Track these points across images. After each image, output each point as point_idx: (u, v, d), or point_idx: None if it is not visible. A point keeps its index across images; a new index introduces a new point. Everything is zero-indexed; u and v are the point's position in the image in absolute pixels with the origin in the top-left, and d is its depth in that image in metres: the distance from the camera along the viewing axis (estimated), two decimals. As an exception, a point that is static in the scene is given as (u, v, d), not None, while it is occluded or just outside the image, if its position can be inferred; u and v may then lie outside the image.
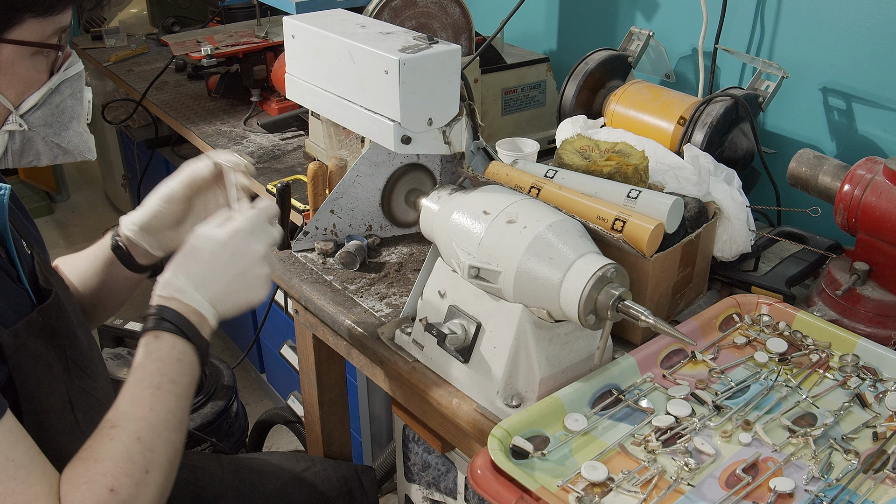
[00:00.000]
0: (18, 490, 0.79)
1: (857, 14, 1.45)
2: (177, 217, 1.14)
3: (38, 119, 0.93)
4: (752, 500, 0.87)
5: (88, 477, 0.82)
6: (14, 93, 0.89)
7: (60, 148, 0.97)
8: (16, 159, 0.95)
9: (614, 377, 1.04)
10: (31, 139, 0.94)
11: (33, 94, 0.91)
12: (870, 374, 1.06)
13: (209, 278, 0.95)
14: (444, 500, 1.56)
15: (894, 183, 1.14)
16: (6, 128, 0.91)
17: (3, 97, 0.88)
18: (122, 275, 1.18)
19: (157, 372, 0.91)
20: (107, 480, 0.82)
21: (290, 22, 1.21)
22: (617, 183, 1.19)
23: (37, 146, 0.95)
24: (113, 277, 1.19)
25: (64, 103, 0.94)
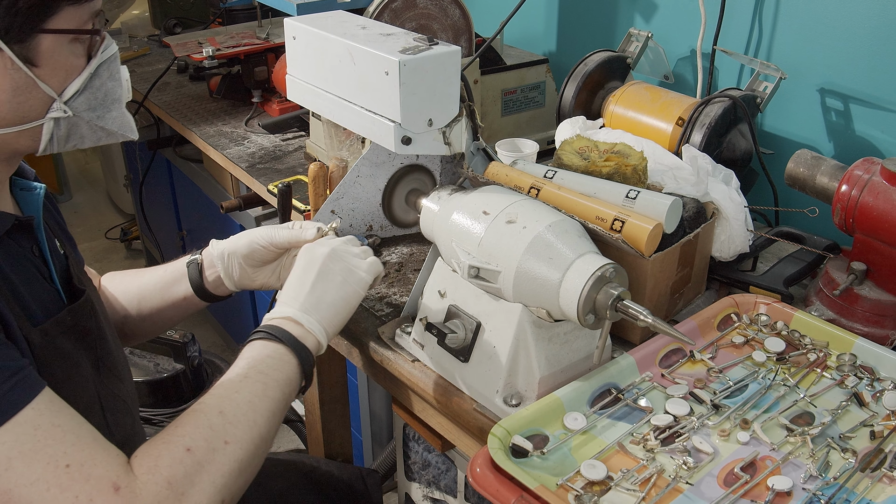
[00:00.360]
0: (70, 452, 0.79)
1: (855, 16, 1.45)
2: (266, 260, 1.19)
3: (82, 104, 0.93)
4: (751, 498, 0.87)
5: (167, 438, 0.85)
6: (56, 81, 0.90)
7: (104, 130, 0.98)
8: (61, 144, 0.96)
9: (613, 376, 1.04)
10: (76, 124, 0.95)
11: (75, 80, 0.92)
12: (867, 374, 1.06)
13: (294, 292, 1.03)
14: (444, 498, 1.56)
15: (891, 183, 1.14)
16: (51, 115, 0.91)
17: (47, 86, 0.89)
18: (181, 294, 1.21)
19: (246, 366, 0.95)
20: (184, 441, 0.85)
21: (291, 23, 1.21)
22: (616, 183, 1.19)
23: (81, 130, 0.96)
24: (172, 295, 1.21)
25: (104, 86, 0.95)
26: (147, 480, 0.81)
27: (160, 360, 1.98)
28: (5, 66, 0.85)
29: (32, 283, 0.95)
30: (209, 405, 0.89)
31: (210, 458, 0.85)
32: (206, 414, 0.88)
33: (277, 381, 0.95)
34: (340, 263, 1.05)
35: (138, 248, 3.68)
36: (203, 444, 0.85)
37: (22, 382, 0.81)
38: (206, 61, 2.11)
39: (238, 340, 2.82)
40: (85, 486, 0.78)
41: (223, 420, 0.88)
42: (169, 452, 0.83)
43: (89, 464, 0.79)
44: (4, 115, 0.88)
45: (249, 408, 0.91)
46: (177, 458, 0.83)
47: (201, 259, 1.20)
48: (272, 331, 0.98)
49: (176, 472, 0.82)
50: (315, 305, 1.02)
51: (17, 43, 0.85)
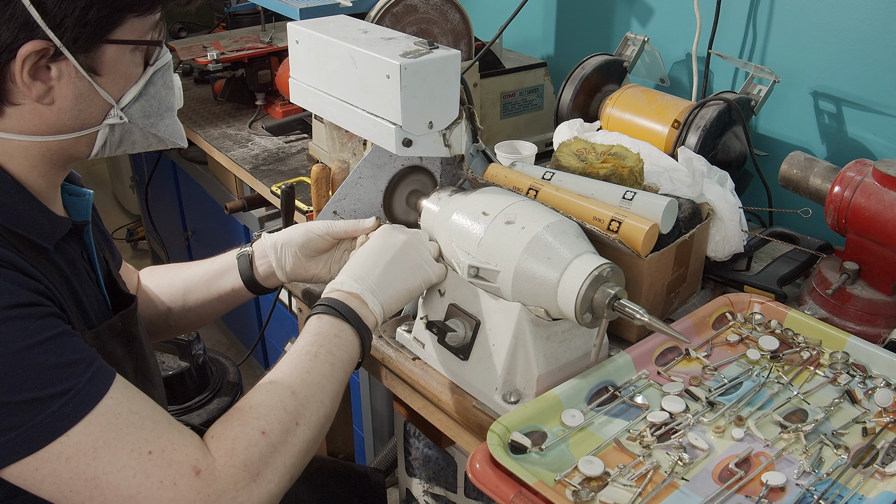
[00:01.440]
0: (151, 438, 0.81)
1: (847, 20, 1.45)
2: (323, 249, 1.19)
3: (137, 111, 0.94)
4: (745, 493, 0.87)
5: (243, 420, 0.86)
6: (116, 89, 0.91)
7: (156, 137, 0.99)
8: (112, 149, 0.96)
9: (610, 374, 1.04)
10: (129, 130, 0.95)
11: (132, 87, 0.92)
12: (859, 371, 1.06)
13: (366, 269, 1.03)
14: (444, 494, 1.56)
15: (883, 185, 1.14)
16: (108, 122, 0.92)
17: (107, 94, 0.90)
18: (229, 286, 1.21)
19: (315, 343, 0.96)
20: (259, 424, 0.86)
21: (294, 28, 1.21)
22: (613, 185, 1.19)
23: (134, 136, 0.97)
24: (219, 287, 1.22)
25: (158, 94, 0.96)
26: (225, 463, 0.83)
27: (166, 358, 1.98)
28: (70, 76, 0.86)
29: (85, 287, 0.96)
30: (283, 384, 0.91)
31: (283, 440, 0.87)
32: (279, 394, 0.90)
33: (342, 362, 0.97)
34: (415, 254, 1.07)
35: (144, 248, 3.68)
36: (277, 426, 0.87)
37: (98, 372, 0.82)
38: (210, 65, 2.11)
39: (242, 339, 2.81)
40: (168, 472, 0.80)
41: (295, 401, 0.90)
42: (245, 435, 0.85)
43: (170, 449, 0.81)
44: (66, 121, 0.89)
45: (318, 388, 0.93)
46: (252, 440, 0.85)
47: (252, 251, 1.21)
48: (340, 308, 0.99)
49: (252, 455, 0.84)
50: (382, 288, 1.03)
51: (83, 53, 0.85)
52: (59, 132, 0.89)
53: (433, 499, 1.60)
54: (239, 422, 0.87)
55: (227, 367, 2.14)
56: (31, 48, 0.81)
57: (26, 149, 0.89)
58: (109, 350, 0.96)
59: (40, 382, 0.78)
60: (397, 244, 1.06)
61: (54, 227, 0.92)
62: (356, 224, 1.18)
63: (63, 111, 0.88)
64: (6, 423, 0.77)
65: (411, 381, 1.15)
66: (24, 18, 0.80)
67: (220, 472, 0.82)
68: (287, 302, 2.20)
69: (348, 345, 0.98)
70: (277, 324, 2.35)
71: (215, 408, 1.97)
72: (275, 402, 0.89)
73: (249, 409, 0.88)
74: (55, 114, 0.88)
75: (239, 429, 0.86)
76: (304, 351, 0.95)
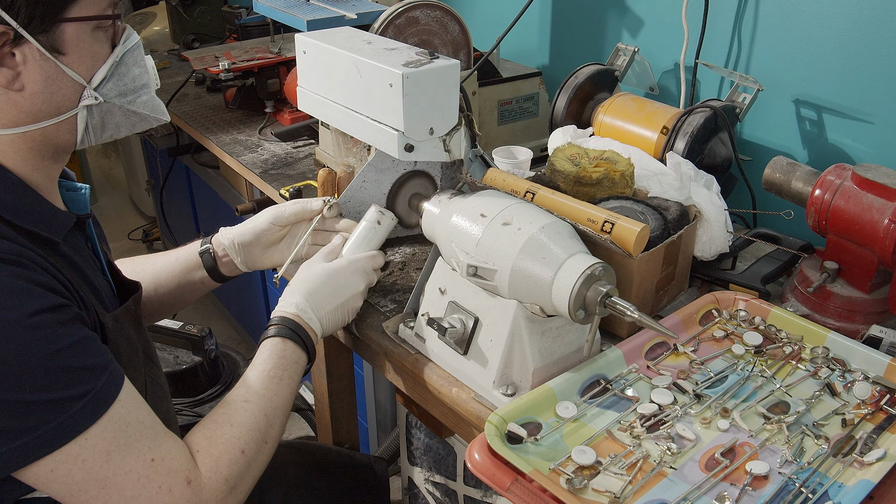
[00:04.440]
0: (153, 446, 0.86)
1: (827, 32, 1.45)
2: (275, 239, 1.24)
3: (111, 90, 0.93)
4: (730, 481, 0.87)
5: (225, 440, 0.93)
6: (84, 68, 0.89)
7: (137, 115, 0.97)
8: (97, 134, 0.95)
9: (602, 368, 1.04)
10: (108, 111, 0.94)
11: (101, 67, 0.91)
12: (839, 366, 1.06)
13: (322, 303, 1.10)
14: (444, 482, 1.56)
15: (862, 188, 1.14)
16: (83, 103, 0.91)
17: (75, 73, 0.88)
18: (197, 279, 1.25)
19: (281, 367, 1.03)
20: (240, 444, 0.93)
21: (302, 39, 1.21)
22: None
23: (115, 118, 0.95)
24: (189, 280, 1.25)
25: (130, 72, 0.94)
26: (209, 477, 0.89)
27: (179, 352, 1.98)
28: (34, 58, 0.84)
29: (95, 275, 0.97)
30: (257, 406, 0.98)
31: (256, 458, 0.95)
32: (255, 416, 0.96)
33: (295, 381, 1.04)
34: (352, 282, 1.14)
35: (159, 248, 3.68)
36: (254, 446, 0.94)
37: (112, 376, 0.85)
38: (222, 74, 2.11)
39: (251, 334, 2.81)
40: (166, 479, 0.85)
41: (266, 422, 0.97)
42: (228, 454, 0.92)
43: (168, 458, 0.86)
44: (41, 107, 0.87)
45: (282, 411, 1.01)
46: (234, 459, 0.92)
47: (213, 247, 1.24)
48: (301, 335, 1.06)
49: (232, 472, 0.91)
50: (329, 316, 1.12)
51: (42, 33, 0.84)
52: (38, 119, 0.88)
53: (434, 486, 1.60)
54: (222, 441, 0.92)
55: (238, 362, 2.13)
56: None
57: (13, 142, 0.88)
58: (126, 333, 0.97)
59: (64, 383, 0.80)
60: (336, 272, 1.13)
61: (60, 221, 0.92)
62: (304, 205, 1.22)
63: (35, 95, 0.86)
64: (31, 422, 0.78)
65: (413, 374, 1.15)
66: None
67: (206, 484, 0.88)
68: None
69: (300, 366, 1.06)
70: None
71: (227, 400, 1.97)
72: (252, 423, 0.96)
73: (231, 427, 0.94)
74: (28, 100, 0.86)
75: (223, 448, 0.92)
76: (272, 374, 1.02)
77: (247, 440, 0.94)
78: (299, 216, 1.22)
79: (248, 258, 1.23)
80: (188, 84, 2.47)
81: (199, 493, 0.87)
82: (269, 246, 1.24)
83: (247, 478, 0.94)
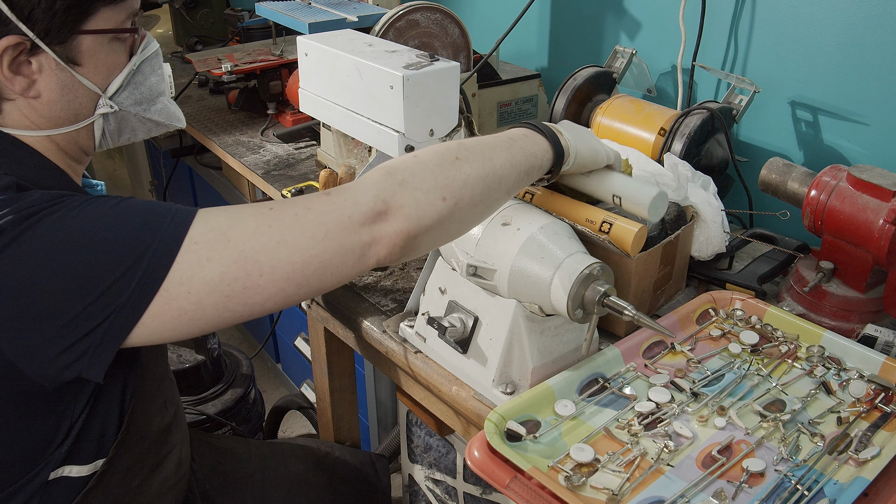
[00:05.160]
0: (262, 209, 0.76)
1: (823, 34, 1.45)
2: None
3: (127, 99, 0.93)
4: (727, 479, 0.87)
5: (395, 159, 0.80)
6: (100, 78, 0.90)
7: (153, 122, 0.98)
8: (114, 139, 0.96)
9: (600, 366, 1.04)
10: (124, 118, 0.95)
11: (117, 77, 0.91)
12: (834, 364, 1.06)
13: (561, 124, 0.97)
14: (444, 479, 1.56)
15: (857, 189, 1.14)
16: (99, 111, 0.92)
17: (91, 83, 0.89)
18: None
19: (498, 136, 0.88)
20: (414, 152, 0.80)
21: (304, 41, 1.21)
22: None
23: (131, 124, 0.96)
24: None
25: (147, 81, 0.95)
26: (365, 176, 0.75)
27: (182, 351, 1.98)
28: (50, 67, 0.85)
29: None
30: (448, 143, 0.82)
31: (437, 163, 0.78)
32: (443, 144, 0.82)
33: (524, 150, 0.87)
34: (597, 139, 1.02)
35: (162, 248, 3.68)
36: (432, 154, 0.79)
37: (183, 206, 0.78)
38: (224, 76, 2.11)
39: (254, 333, 2.81)
40: (296, 206, 0.75)
41: (459, 147, 0.81)
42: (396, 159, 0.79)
43: (288, 201, 0.76)
44: (58, 113, 0.88)
45: (489, 149, 0.83)
46: (403, 158, 0.78)
47: None
48: (535, 123, 0.92)
49: (396, 165, 0.77)
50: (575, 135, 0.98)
51: (59, 44, 0.84)
52: (58, 125, 0.89)
53: (434, 484, 1.60)
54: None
55: (240, 360, 2.14)
56: (7, 43, 0.81)
57: (41, 144, 0.89)
58: None
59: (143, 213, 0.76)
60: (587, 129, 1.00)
61: None
62: None
63: (52, 103, 0.87)
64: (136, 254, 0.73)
65: (413, 373, 1.15)
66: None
67: (358, 182, 0.75)
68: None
69: (535, 145, 0.88)
70: (287, 319, 2.35)
71: (229, 398, 1.97)
72: (432, 147, 0.81)
73: None
74: (46, 106, 0.87)
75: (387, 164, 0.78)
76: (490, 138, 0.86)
77: (426, 150, 0.79)
78: None
79: None
80: (191, 86, 2.47)
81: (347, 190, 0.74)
82: None
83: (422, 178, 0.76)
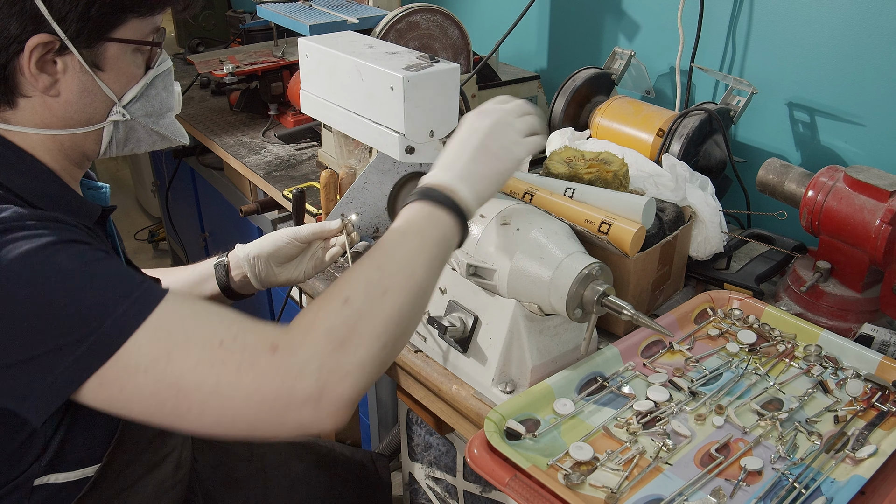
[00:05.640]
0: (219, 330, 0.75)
1: (820, 36, 1.45)
2: (292, 255, 1.19)
3: (139, 110, 0.94)
4: (724, 477, 0.87)
5: (325, 296, 0.78)
6: (118, 86, 0.91)
7: (158, 135, 0.99)
8: (119, 148, 0.96)
9: (599, 366, 1.04)
10: (133, 128, 0.95)
11: (133, 87, 0.92)
12: (831, 363, 1.06)
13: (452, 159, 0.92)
14: (444, 477, 1.56)
15: (854, 189, 1.14)
16: (111, 118, 0.92)
17: (109, 90, 0.90)
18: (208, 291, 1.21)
19: (404, 225, 0.86)
20: (342, 293, 0.77)
21: (305, 43, 1.21)
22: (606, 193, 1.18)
23: (138, 134, 0.97)
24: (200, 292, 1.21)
25: (159, 95, 0.96)
26: (305, 334, 0.74)
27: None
28: (74, 69, 0.86)
29: None
30: (366, 263, 0.81)
31: (368, 307, 0.77)
32: (363, 271, 0.80)
33: (434, 238, 0.85)
34: (502, 138, 0.94)
35: (164, 248, 3.68)
36: (361, 294, 0.77)
37: (151, 285, 0.77)
38: (226, 77, 2.11)
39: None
40: (243, 355, 0.73)
41: (381, 273, 0.80)
42: (327, 305, 0.76)
43: (241, 335, 0.74)
44: (72, 115, 0.89)
45: (407, 261, 0.82)
46: (335, 309, 0.76)
47: (227, 261, 1.20)
48: (430, 193, 0.88)
49: (334, 322, 0.75)
50: (472, 174, 0.91)
51: (86, 48, 0.86)
52: (68, 126, 0.90)
53: (434, 482, 1.60)
54: (321, 298, 0.78)
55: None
56: (38, 41, 0.82)
57: (43, 143, 0.89)
58: None
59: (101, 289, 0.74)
60: (482, 130, 0.93)
61: (87, 211, 0.93)
62: (322, 227, 1.18)
63: (69, 104, 0.88)
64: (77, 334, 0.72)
65: (414, 372, 1.15)
66: (33, 12, 0.81)
67: (300, 343, 0.74)
68: (297, 298, 2.20)
69: (440, 224, 0.86)
70: (289, 318, 2.34)
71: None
72: (357, 276, 0.79)
73: (332, 286, 0.79)
74: (62, 106, 0.88)
75: (321, 303, 0.77)
76: (393, 233, 0.85)
77: (353, 289, 0.77)
78: (317, 235, 1.19)
79: (264, 272, 1.19)
80: (193, 87, 2.47)
81: (291, 355, 0.72)
82: (287, 261, 1.20)
83: (361, 330, 0.75)
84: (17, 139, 0.88)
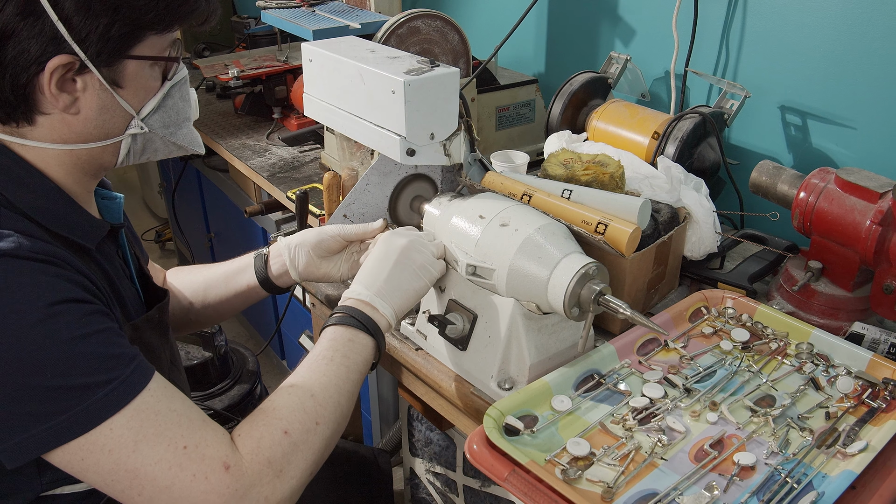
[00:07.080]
0: (186, 434, 0.80)
1: (812, 41, 1.45)
2: (335, 249, 1.18)
3: (157, 122, 0.93)
4: (718, 472, 0.87)
5: (267, 421, 0.86)
6: (136, 101, 0.90)
7: (175, 145, 0.98)
8: (136, 157, 0.96)
9: (596, 363, 1.04)
10: (150, 139, 0.95)
11: (151, 100, 0.91)
12: (823, 361, 1.06)
13: (372, 277, 1.02)
14: (444, 472, 1.56)
15: (845, 191, 1.14)
16: (129, 132, 0.91)
17: (128, 105, 0.89)
18: (244, 282, 1.20)
19: (331, 349, 0.95)
20: (282, 424, 0.86)
21: (308, 47, 1.21)
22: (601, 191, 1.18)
23: (155, 145, 0.96)
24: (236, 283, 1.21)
25: (176, 105, 0.95)
26: (251, 460, 0.82)
27: (190, 348, 1.98)
28: (94, 88, 0.85)
29: (123, 283, 0.95)
30: (302, 387, 0.90)
31: (304, 439, 0.86)
32: (299, 397, 0.89)
33: (357, 364, 0.95)
34: (417, 256, 1.04)
35: (171, 248, 3.68)
36: (298, 426, 0.86)
37: (139, 367, 0.81)
38: (231, 81, 2.11)
39: (260, 332, 2.81)
40: (201, 466, 0.79)
41: (314, 403, 0.89)
42: (269, 435, 0.84)
43: (203, 445, 0.80)
44: (91, 131, 0.88)
45: (335, 390, 0.92)
46: (276, 440, 0.84)
47: (268, 251, 1.19)
48: (353, 314, 0.98)
49: (275, 453, 0.83)
50: (390, 292, 1.01)
51: (106, 67, 0.85)
52: (86, 141, 0.89)
53: (434, 477, 1.60)
54: (263, 423, 0.86)
55: (246, 357, 2.14)
56: (59, 62, 0.81)
57: (59, 157, 0.88)
58: (147, 340, 0.96)
59: (88, 370, 0.77)
60: (398, 249, 1.04)
61: (95, 229, 0.92)
62: (366, 227, 1.17)
63: (88, 121, 0.87)
64: (56, 407, 0.76)
65: (414, 369, 1.15)
66: (52, 33, 0.80)
67: (247, 468, 0.81)
68: (301, 297, 2.20)
69: (362, 348, 0.97)
70: (292, 317, 2.35)
71: (236, 394, 1.97)
72: (295, 404, 0.88)
73: (273, 410, 0.87)
74: (81, 123, 0.87)
75: (264, 429, 0.85)
76: (321, 356, 0.94)
77: (290, 420, 0.86)
78: (361, 235, 1.18)
79: (304, 262, 1.17)
80: (199, 91, 2.47)
81: (239, 478, 0.80)
82: (330, 255, 1.18)
83: (296, 461, 0.85)
84: (31, 154, 0.87)
